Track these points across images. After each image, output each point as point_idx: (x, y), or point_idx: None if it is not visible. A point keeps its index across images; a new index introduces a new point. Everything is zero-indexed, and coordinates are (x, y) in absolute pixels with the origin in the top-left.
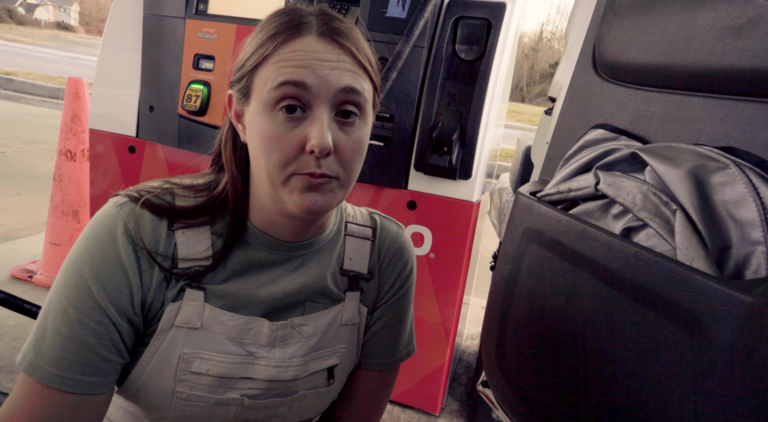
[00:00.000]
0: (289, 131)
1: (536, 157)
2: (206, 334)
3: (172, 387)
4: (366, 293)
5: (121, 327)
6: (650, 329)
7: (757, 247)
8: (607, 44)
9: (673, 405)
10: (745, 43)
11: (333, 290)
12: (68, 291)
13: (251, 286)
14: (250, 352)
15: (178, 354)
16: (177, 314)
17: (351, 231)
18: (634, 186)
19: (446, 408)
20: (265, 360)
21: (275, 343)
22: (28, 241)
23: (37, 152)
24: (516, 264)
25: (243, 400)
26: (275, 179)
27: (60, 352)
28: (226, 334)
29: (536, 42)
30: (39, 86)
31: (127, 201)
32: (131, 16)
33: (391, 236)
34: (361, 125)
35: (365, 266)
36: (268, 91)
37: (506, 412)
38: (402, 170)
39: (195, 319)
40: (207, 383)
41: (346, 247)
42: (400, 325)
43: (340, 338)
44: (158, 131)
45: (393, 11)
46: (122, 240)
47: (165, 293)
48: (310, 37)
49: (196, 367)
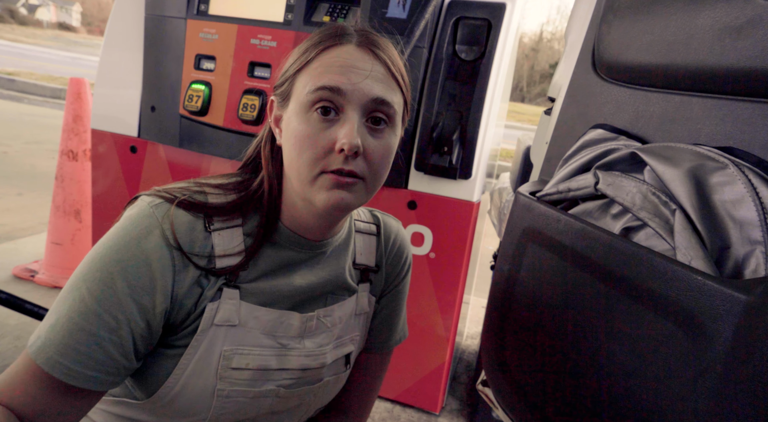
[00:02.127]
0: (322, 131)
1: (536, 157)
2: (243, 330)
3: (213, 385)
4: (374, 284)
5: (135, 326)
6: (649, 328)
7: (756, 247)
8: (606, 44)
9: (672, 404)
10: (744, 43)
11: (350, 283)
12: (90, 282)
13: (281, 283)
14: (282, 344)
15: (219, 351)
16: (216, 314)
17: (359, 228)
18: (634, 186)
19: (446, 407)
20: (297, 350)
21: (305, 334)
22: (30, 241)
23: (39, 152)
24: (516, 264)
25: (279, 391)
26: (305, 176)
27: (69, 340)
28: (261, 328)
29: (536, 42)
30: (41, 87)
31: (161, 202)
32: (133, 17)
33: (393, 231)
34: (390, 134)
35: (373, 260)
36: (306, 94)
37: (506, 411)
38: (402, 170)
39: (233, 316)
40: (246, 377)
41: (356, 243)
42: (397, 312)
43: (354, 326)
44: (160, 131)
45: (393, 11)
46: (156, 241)
47: (202, 293)
48: (350, 46)
49: (236, 363)
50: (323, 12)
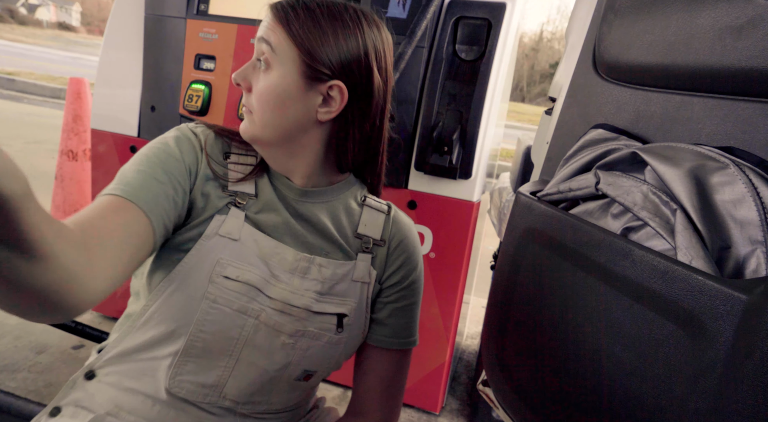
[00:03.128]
0: None
1: (536, 157)
2: (242, 246)
3: (204, 288)
4: (377, 259)
5: (177, 186)
6: (650, 328)
7: (757, 246)
8: (607, 44)
9: (672, 404)
10: (745, 43)
11: (340, 241)
12: (149, 148)
13: (276, 219)
14: (273, 274)
15: (216, 258)
16: (221, 225)
17: (369, 204)
18: (634, 186)
19: (446, 407)
20: (284, 284)
21: (296, 272)
22: None
23: (38, 152)
24: (516, 264)
25: (261, 314)
26: None
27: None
28: (257, 251)
29: (536, 42)
30: (41, 86)
31: (200, 123)
32: (132, 17)
33: (404, 222)
34: (268, 72)
35: (378, 234)
36: None
37: (506, 411)
38: (402, 170)
39: (235, 232)
40: (234, 288)
41: (363, 215)
42: (412, 310)
43: (350, 292)
44: (160, 130)
45: (393, 11)
46: (190, 134)
47: (209, 200)
48: None
49: (228, 272)
50: None
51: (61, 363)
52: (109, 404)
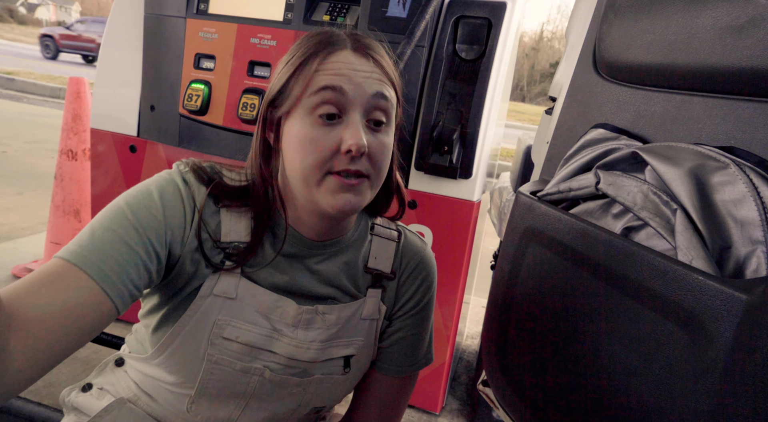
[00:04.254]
0: (326, 134)
1: (536, 156)
2: (240, 305)
3: (205, 349)
4: (387, 292)
5: (151, 251)
6: (650, 328)
7: (757, 246)
8: (607, 44)
9: (673, 404)
10: (745, 42)
11: (350, 289)
12: (126, 198)
13: (279, 278)
14: (276, 328)
15: (213, 319)
16: (216, 284)
17: (378, 232)
18: (635, 186)
19: (447, 407)
20: (288, 338)
21: (299, 325)
22: (29, 240)
23: (38, 152)
24: (516, 264)
25: (265, 371)
26: (310, 179)
27: (100, 245)
28: (256, 307)
29: (537, 41)
30: (40, 86)
31: (189, 170)
32: (132, 16)
33: (415, 249)
34: (387, 131)
35: (389, 266)
36: (308, 96)
37: (506, 411)
38: (402, 170)
39: (231, 290)
40: (235, 349)
41: (372, 246)
42: (420, 336)
43: (358, 330)
44: (159, 130)
45: (393, 11)
46: (180, 185)
47: (202, 262)
48: (346, 51)
49: (227, 333)
50: (323, 11)
51: (61, 363)
52: (128, 392)
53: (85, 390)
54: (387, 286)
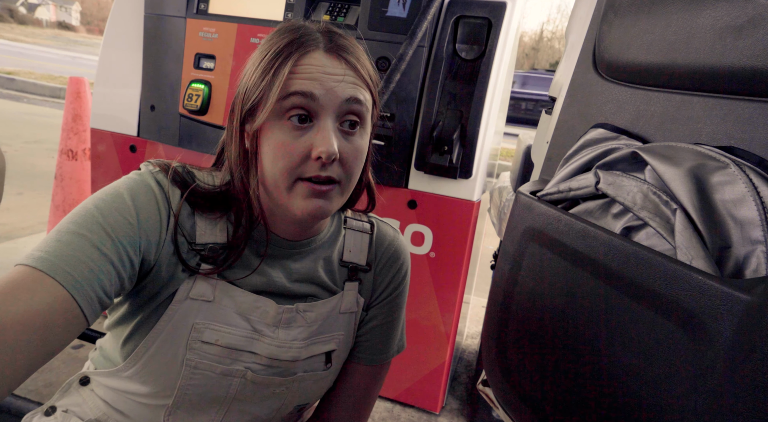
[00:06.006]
0: (296, 139)
1: (536, 156)
2: (218, 307)
3: (183, 354)
4: (364, 285)
5: (124, 257)
6: (650, 328)
7: (757, 246)
8: (607, 44)
9: (673, 404)
10: (745, 42)
11: (328, 284)
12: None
13: (257, 279)
14: (256, 329)
15: (191, 323)
16: (192, 287)
17: (350, 225)
18: (634, 185)
19: (447, 406)
20: (269, 338)
21: (280, 324)
22: (29, 240)
23: (38, 152)
24: (516, 263)
25: (246, 373)
26: (281, 184)
27: (69, 250)
28: (235, 308)
29: (537, 41)
30: (40, 86)
31: (159, 170)
32: (132, 16)
33: (388, 239)
34: (362, 134)
35: (364, 259)
36: (278, 101)
37: (506, 411)
38: (402, 169)
39: (208, 293)
40: (215, 352)
41: (346, 240)
42: (394, 324)
43: (338, 325)
44: (159, 130)
45: (393, 10)
46: (154, 187)
47: (178, 266)
48: (318, 53)
49: (206, 337)
50: (323, 11)
51: (61, 363)
52: (97, 411)
53: (49, 414)
54: (363, 278)
